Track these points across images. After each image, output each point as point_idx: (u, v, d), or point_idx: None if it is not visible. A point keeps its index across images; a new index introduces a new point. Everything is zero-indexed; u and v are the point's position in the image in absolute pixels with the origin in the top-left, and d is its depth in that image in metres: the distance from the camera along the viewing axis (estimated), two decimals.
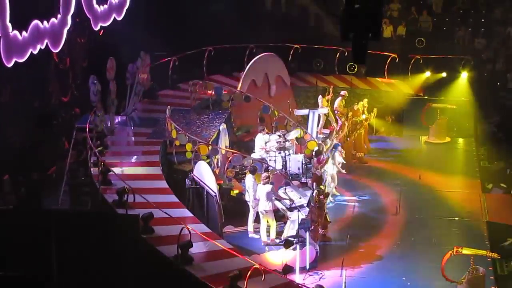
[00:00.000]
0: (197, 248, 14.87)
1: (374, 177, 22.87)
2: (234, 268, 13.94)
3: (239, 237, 18.29)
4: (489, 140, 25.57)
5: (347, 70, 28.45)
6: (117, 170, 18.10)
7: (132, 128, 22.17)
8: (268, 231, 17.98)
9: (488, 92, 27.72)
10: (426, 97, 27.73)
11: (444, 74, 28.49)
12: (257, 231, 18.27)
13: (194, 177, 18.43)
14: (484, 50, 29.96)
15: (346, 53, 27.15)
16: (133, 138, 21.60)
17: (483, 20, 31.08)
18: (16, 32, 17.97)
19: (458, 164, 24.58)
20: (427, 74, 28.38)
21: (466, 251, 15.19)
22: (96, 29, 22.58)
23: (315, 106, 24.72)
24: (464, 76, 28.32)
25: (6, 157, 18.43)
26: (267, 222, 17.91)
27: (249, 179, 18.35)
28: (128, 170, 18.77)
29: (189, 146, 19.52)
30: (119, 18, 23.80)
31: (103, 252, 14.10)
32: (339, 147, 20.87)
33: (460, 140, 26.56)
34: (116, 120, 21.77)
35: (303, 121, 24.07)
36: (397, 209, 20.32)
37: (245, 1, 29.28)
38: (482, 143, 25.72)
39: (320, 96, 24.84)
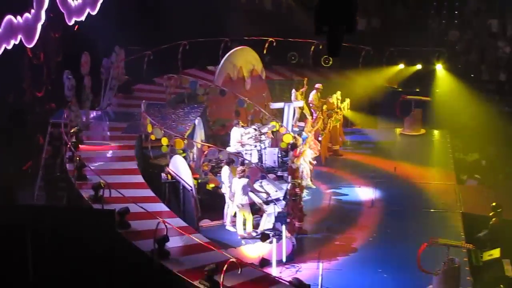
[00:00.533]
0: (174, 242, 14.87)
1: (349, 170, 22.94)
2: (211, 262, 13.95)
3: (215, 231, 18.29)
4: (463, 132, 25.71)
5: (322, 63, 28.44)
6: (92, 165, 18.05)
7: (107, 122, 22.11)
8: (244, 225, 18.01)
9: (462, 83, 27.84)
10: (400, 89, 27.80)
11: (418, 66, 28.57)
12: (233, 224, 18.31)
13: (170, 171, 18.41)
14: (458, 42, 30.14)
15: (321, 46, 27.20)
16: (108, 132, 21.54)
17: (456, 12, 31.24)
18: None
19: (433, 156, 24.71)
20: (401, 66, 28.44)
21: (441, 241, 15.29)
22: (70, 23, 22.41)
23: (290, 99, 24.74)
24: (438, 68, 28.42)
25: None
26: (243, 215, 17.94)
27: (225, 171, 18.37)
28: (104, 165, 18.72)
29: (164, 141, 19.50)
30: (93, 13, 23.64)
31: (79, 248, 14.03)
32: (309, 139, 20.90)
33: (435, 132, 26.67)
34: (91, 115, 21.70)
35: (279, 115, 24.10)
36: (373, 202, 20.42)
37: None
38: (457, 135, 25.86)
39: (293, 90, 24.87)
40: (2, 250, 13.99)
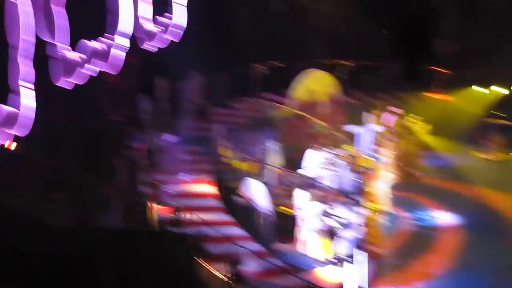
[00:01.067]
0: (249, 266, 14.80)
1: (429, 194, 22.52)
2: (286, 286, 13.84)
3: (289, 254, 18.16)
4: None
5: (399, 86, 28.06)
6: (169, 188, 18.17)
7: (184, 146, 22.26)
8: (319, 249, 17.84)
9: None
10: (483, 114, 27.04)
11: (502, 89, 27.75)
12: (306, 247, 18.15)
13: (245, 194, 18.40)
14: None
15: (399, 70, 26.89)
16: (185, 156, 21.68)
17: None
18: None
19: None
20: (484, 89, 27.57)
21: None
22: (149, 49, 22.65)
23: (366, 122, 24.48)
24: None
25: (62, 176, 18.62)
26: (319, 239, 17.78)
27: (299, 195, 18.25)
28: (181, 188, 18.83)
29: (242, 165, 19.53)
30: (175, 40, 23.85)
31: (156, 272, 14.10)
32: (386, 163, 20.65)
33: None
34: (168, 139, 21.87)
35: (354, 138, 23.86)
36: (453, 228, 19.97)
37: (301, 19, 29.28)
38: None
39: (369, 113, 24.58)
40: (78, 273, 14.14)
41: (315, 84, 25.19)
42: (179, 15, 21.44)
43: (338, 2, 31.07)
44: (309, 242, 18.13)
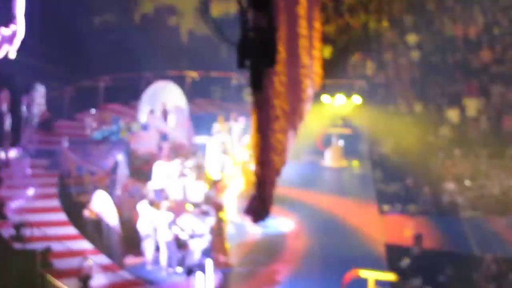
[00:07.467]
0: (98, 280, 14.69)
1: (274, 202, 22.99)
2: None
3: (140, 267, 18.12)
4: (384, 163, 26.19)
5: (245, 96, 28.56)
6: (13, 203, 17.72)
7: (28, 160, 21.72)
8: (169, 260, 17.91)
9: (381, 115, 28.39)
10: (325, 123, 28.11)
11: (339, 100, 28.88)
12: (157, 260, 18.16)
13: (93, 208, 18.21)
14: (375, 75, 30.81)
15: (242, 80, 27.45)
16: (29, 170, 21.16)
17: (373, 45, 32.01)
18: None
19: (355, 187, 25.08)
20: (325, 99, 28.54)
21: (365, 273, 15.49)
22: None
23: (214, 133, 24.81)
24: (356, 100, 28.82)
25: None
26: (168, 251, 17.84)
27: (146, 208, 18.24)
28: (25, 203, 18.39)
29: (87, 177, 19.30)
30: (13, 49, 23.27)
31: None
32: (233, 173, 21.02)
33: (356, 163, 27.10)
34: (11, 153, 21.30)
35: (202, 149, 24.12)
36: (297, 234, 20.57)
37: (144, 31, 29.27)
38: (377, 166, 26.33)
39: (216, 123, 24.94)
40: None
41: (162, 95, 25.24)
42: (22, 26, 21.07)
43: (183, 15, 31.40)
44: (159, 253, 18.15)
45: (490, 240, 20.61)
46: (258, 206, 15.83)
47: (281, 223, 21.44)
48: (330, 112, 28.73)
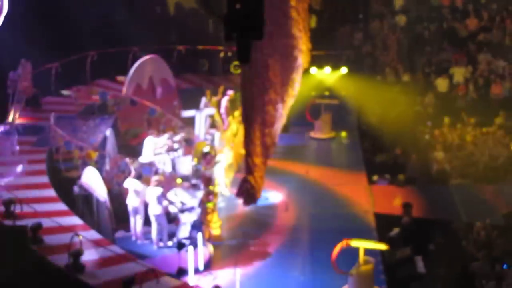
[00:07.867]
0: (89, 256, 14.71)
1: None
2: (127, 273, 13.87)
3: (131, 242, 18.16)
4: (372, 133, 26.22)
5: (232, 69, 28.48)
6: (1, 180, 17.68)
7: (16, 137, 21.62)
8: (160, 234, 17.94)
9: (369, 85, 28.39)
10: (313, 94, 28.09)
11: (327, 70, 28.86)
12: (148, 235, 18.19)
13: (83, 183, 18.20)
14: (363, 45, 30.79)
15: (229, 53, 27.34)
16: (17, 147, 21.09)
17: (361, 15, 31.99)
18: None
19: (343, 158, 25.17)
20: (313, 70, 28.48)
21: (355, 243, 15.55)
22: None
23: (201, 106, 24.74)
24: (344, 71, 28.81)
25: None
26: (159, 225, 17.87)
27: (135, 183, 18.21)
28: (14, 180, 18.35)
29: (76, 153, 19.25)
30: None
31: None
32: (222, 146, 20.99)
33: (345, 134, 27.14)
34: None
35: (190, 123, 24.07)
36: (287, 206, 20.64)
37: (132, 4, 29.07)
38: (365, 136, 26.39)
39: (203, 98, 24.86)
40: None
41: (150, 70, 25.15)
42: (6, 2, 20.87)
43: None
44: (149, 227, 18.18)
45: (479, 208, 20.74)
46: (250, 188, 15.95)
47: (270, 195, 21.50)
48: (317, 83, 28.75)
